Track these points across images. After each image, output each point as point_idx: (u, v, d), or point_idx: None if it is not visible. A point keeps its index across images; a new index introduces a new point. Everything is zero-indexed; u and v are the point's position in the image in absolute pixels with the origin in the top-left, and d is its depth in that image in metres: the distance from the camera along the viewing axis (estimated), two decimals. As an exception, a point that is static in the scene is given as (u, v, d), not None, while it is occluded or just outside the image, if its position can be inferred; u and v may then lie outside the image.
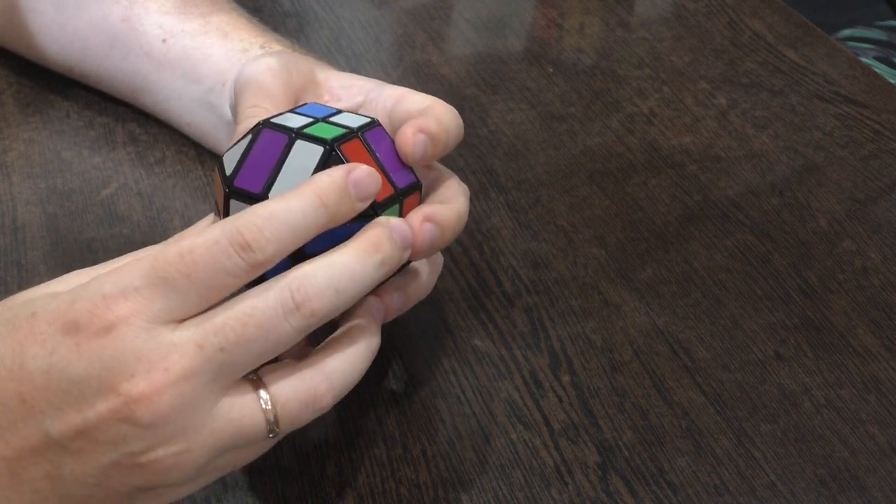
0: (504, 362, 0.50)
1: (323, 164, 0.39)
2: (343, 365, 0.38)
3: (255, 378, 0.37)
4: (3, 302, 0.38)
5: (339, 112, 0.43)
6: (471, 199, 0.59)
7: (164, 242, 0.40)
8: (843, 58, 0.73)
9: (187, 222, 0.57)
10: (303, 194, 0.37)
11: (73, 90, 0.65)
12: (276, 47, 0.56)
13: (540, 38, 0.75)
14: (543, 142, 0.64)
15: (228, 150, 0.42)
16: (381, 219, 0.40)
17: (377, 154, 0.41)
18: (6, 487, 0.36)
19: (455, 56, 0.72)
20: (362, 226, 0.39)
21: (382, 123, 0.46)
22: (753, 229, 0.58)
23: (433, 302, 0.52)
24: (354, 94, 0.50)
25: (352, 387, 0.39)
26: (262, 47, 0.56)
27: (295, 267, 0.37)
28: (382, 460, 0.45)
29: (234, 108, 0.52)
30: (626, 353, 0.51)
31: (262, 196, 0.40)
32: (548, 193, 0.60)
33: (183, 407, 0.35)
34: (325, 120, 0.42)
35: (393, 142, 0.43)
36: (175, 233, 0.53)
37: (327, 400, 0.38)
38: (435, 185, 0.46)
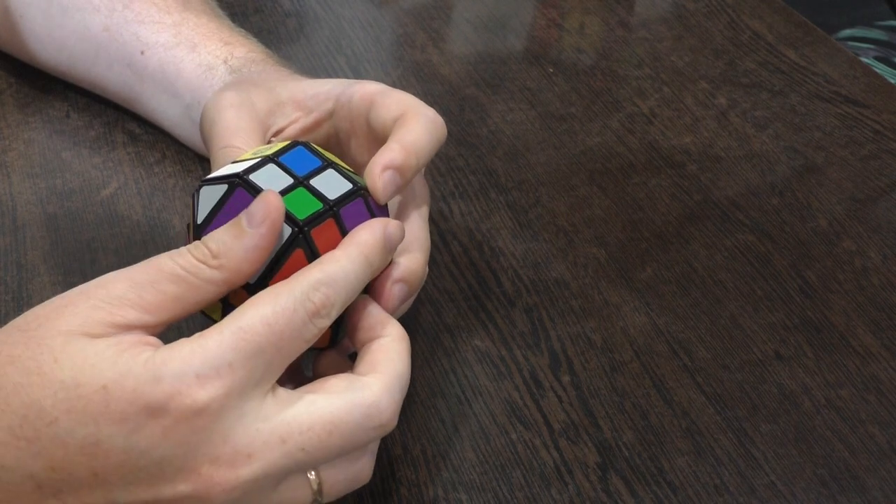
0: (504, 362, 0.50)
1: (288, 245, 0.39)
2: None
3: None
4: (32, 336, 0.35)
5: (326, 167, 0.42)
6: (471, 199, 0.59)
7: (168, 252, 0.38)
8: (843, 58, 0.73)
9: (187, 222, 0.57)
10: (353, 255, 0.38)
11: (73, 91, 0.65)
12: (239, 62, 0.56)
13: (540, 38, 0.75)
14: (543, 142, 0.64)
15: (207, 182, 0.40)
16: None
17: (350, 229, 0.40)
18: None
19: (455, 56, 0.72)
20: None
21: (362, 129, 0.45)
22: (753, 229, 0.58)
23: (433, 302, 0.52)
24: (323, 102, 0.49)
25: None
26: (225, 62, 0.56)
27: (376, 381, 0.38)
28: (382, 460, 0.45)
29: (206, 145, 0.51)
30: (626, 353, 0.51)
31: None
32: (548, 193, 0.60)
33: (253, 492, 0.36)
34: (305, 182, 0.40)
35: (373, 205, 0.42)
36: (175, 233, 0.54)
37: (368, 478, 0.40)
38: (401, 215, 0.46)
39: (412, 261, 0.43)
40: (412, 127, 0.44)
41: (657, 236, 0.57)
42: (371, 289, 0.42)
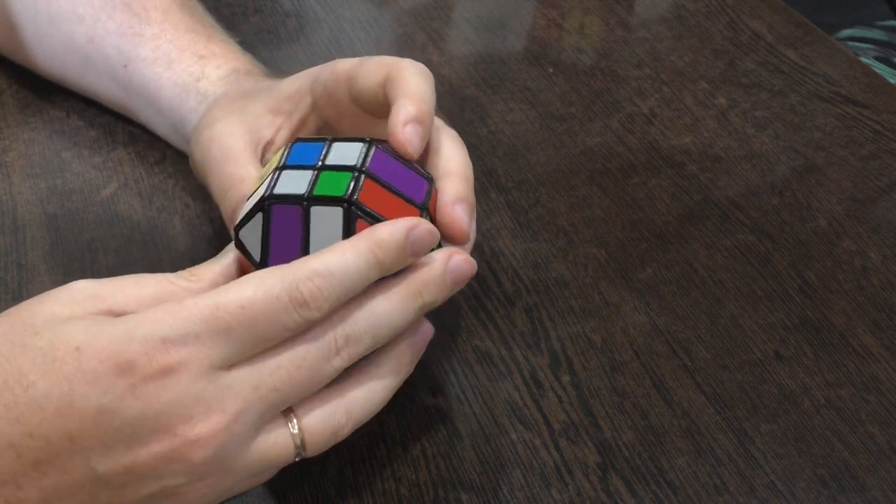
0: (504, 362, 0.50)
1: (348, 223, 0.39)
2: (366, 395, 0.39)
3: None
4: (18, 317, 0.37)
5: (330, 144, 0.42)
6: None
7: (186, 275, 0.40)
8: (843, 58, 0.73)
9: (187, 222, 0.57)
10: (360, 250, 0.37)
11: (73, 91, 0.65)
12: (208, 84, 0.55)
13: (540, 38, 0.75)
14: (543, 142, 0.64)
15: (241, 224, 0.41)
16: (441, 254, 0.39)
17: (389, 183, 0.40)
18: None
19: (455, 56, 0.72)
20: None
21: (348, 109, 0.45)
22: (753, 229, 0.58)
23: (433, 302, 0.52)
24: (299, 101, 0.49)
25: (372, 415, 0.40)
26: (197, 81, 0.55)
27: (342, 310, 0.37)
28: (382, 460, 0.45)
29: (204, 179, 0.50)
30: (626, 353, 0.51)
31: None
32: (548, 193, 0.60)
33: (231, 444, 0.36)
34: (323, 167, 0.41)
35: (393, 153, 0.42)
36: (175, 233, 0.54)
37: (349, 429, 0.39)
38: (432, 147, 0.45)
39: (456, 185, 0.43)
40: (408, 79, 0.44)
41: (657, 236, 0.57)
42: (438, 222, 0.42)
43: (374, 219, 0.39)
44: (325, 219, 0.39)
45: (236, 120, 0.49)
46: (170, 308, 0.35)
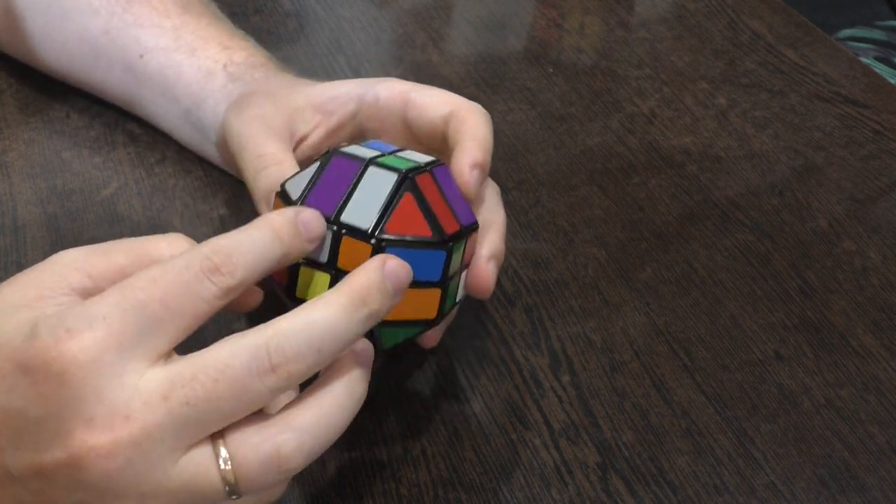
0: (504, 362, 0.50)
1: (397, 190, 0.40)
2: (317, 420, 0.35)
3: (216, 432, 0.35)
4: None
5: (402, 149, 0.44)
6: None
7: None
8: (843, 58, 0.73)
9: (187, 222, 0.57)
10: (259, 226, 0.36)
11: (74, 91, 0.65)
12: (238, 68, 0.55)
13: (540, 38, 0.75)
14: (543, 142, 0.64)
15: (290, 178, 0.42)
16: (374, 261, 0.37)
17: (444, 190, 0.42)
18: None
19: (455, 56, 0.72)
20: (437, 254, 0.40)
21: (395, 127, 0.46)
22: (753, 229, 0.58)
23: (433, 302, 0.52)
24: (344, 104, 0.49)
25: (329, 444, 0.36)
26: (224, 67, 0.56)
27: (273, 321, 0.35)
28: (382, 460, 0.45)
29: (234, 165, 0.51)
30: (626, 353, 0.51)
31: (333, 219, 0.39)
32: (548, 193, 0.60)
33: (138, 464, 0.33)
34: (393, 154, 0.42)
35: (454, 180, 0.44)
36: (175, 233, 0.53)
37: (297, 461, 0.35)
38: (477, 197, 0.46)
39: (494, 240, 0.45)
40: (475, 123, 0.45)
41: (657, 236, 0.57)
42: (470, 273, 0.44)
43: (422, 202, 0.40)
44: (377, 180, 0.40)
45: (280, 106, 0.50)
46: (83, 301, 0.34)
